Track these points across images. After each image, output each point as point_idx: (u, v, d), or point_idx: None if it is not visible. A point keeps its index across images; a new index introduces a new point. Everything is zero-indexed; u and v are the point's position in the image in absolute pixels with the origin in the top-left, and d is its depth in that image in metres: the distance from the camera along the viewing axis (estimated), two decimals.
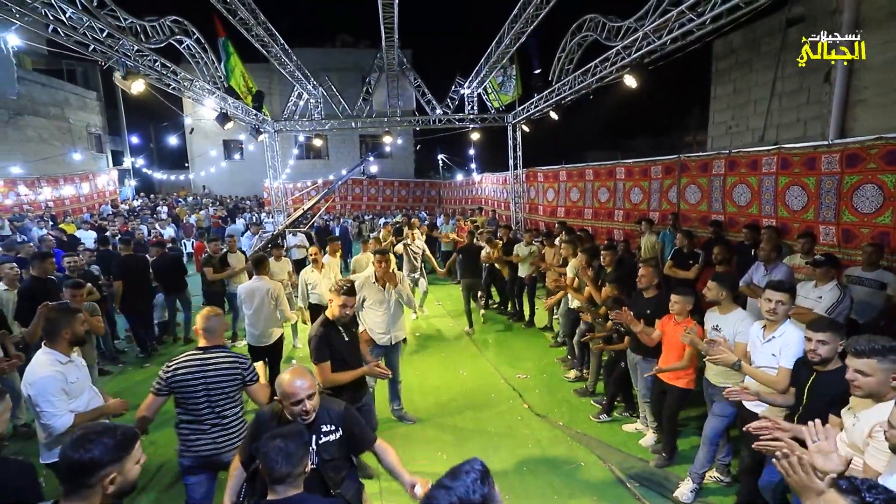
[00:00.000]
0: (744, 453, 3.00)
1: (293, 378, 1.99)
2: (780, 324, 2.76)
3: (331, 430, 2.11)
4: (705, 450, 3.28)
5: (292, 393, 1.97)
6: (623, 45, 6.06)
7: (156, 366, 6.11)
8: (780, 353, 2.68)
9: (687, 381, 3.52)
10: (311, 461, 1.99)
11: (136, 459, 1.48)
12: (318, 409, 2.09)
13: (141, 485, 3.64)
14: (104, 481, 1.37)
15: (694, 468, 3.34)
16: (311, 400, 2.00)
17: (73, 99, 19.43)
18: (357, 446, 2.24)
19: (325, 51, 22.90)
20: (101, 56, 5.28)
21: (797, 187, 5.53)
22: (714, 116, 8.83)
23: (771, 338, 2.77)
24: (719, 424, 3.23)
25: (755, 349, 2.87)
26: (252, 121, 10.53)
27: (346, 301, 3.06)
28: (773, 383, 2.66)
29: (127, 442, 1.44)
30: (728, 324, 3.19)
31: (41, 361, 2.54)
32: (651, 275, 3.97)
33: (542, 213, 11.52)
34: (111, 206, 18.00)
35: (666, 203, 7.64)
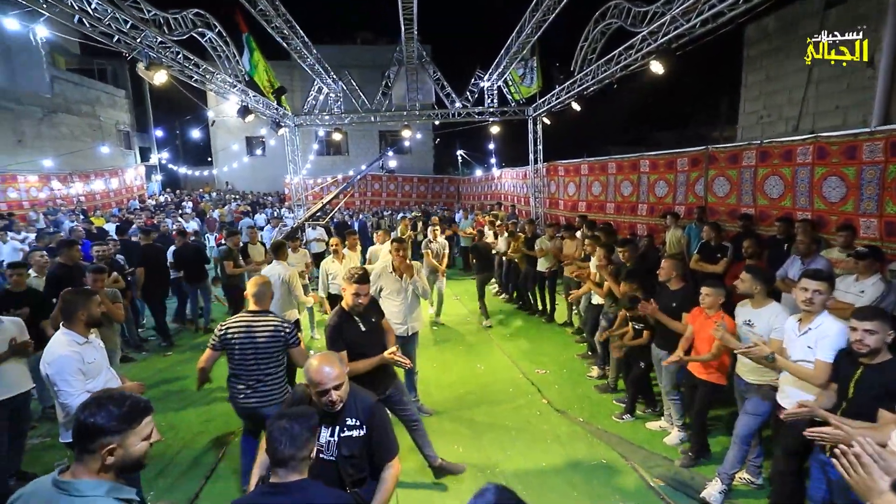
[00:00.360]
0: (777, 453, 2.80)
1: (321, 365, 1.89)
2: (816, 315, 2.57)
3: (355, 424, 1.97)
4: (736, 449, 3.10)
5: (318, 381, 1.88)
6: (649, 30, 5.85)
7: (177, 354, 6.23)
8: (817, 345, 2.49)
9: (719, 376, 3.35)
10: (330, 453, 1.93)
11: (144, 436, 1.41)
12: (347, 399, 1.98)
13: (159, 469, 3.68)
14: (102, 450, 1.31)
15: (723, 468, 3.17)
16: (338, 390, 1.89)
17: (104, 97, 20.04)
18: (373, 454, 2.04)
19: (345, 48, 23.02)
20: (126, 47, 5.37)
21: (835, 178, 5.23)
22: (745, 106, 8.46)
23: (807, 329, 2.58)
24: (752, 423, 3.05)
25: (791, 342, 2.69)
26: (273, 115, 10.63)
27: (359, 289, 2.91)
28: (810, 378, 2.48)
29: (133, 414, 1.38)
30: (762, 318, 3.00)
31: (59, 341, 2.60)
32: (671, 267, 3.84)
33: (563, 208, 11.30)
34: (139, 201, 18.51)
35: (692, 196, 7.37)
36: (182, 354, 6.22)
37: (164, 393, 5.03)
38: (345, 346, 2.91)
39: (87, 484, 1.29)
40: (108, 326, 4.05)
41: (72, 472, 1.32)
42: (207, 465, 3.74)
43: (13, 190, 13.68)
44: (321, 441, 1.94)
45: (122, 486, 1.35)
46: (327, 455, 1.94)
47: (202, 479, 3.57)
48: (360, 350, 2.97)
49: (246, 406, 2.98)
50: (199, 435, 4.21)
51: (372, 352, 3.00)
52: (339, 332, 2.93)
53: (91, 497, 1.27)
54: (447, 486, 3.41)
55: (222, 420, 4.46)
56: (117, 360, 4.36)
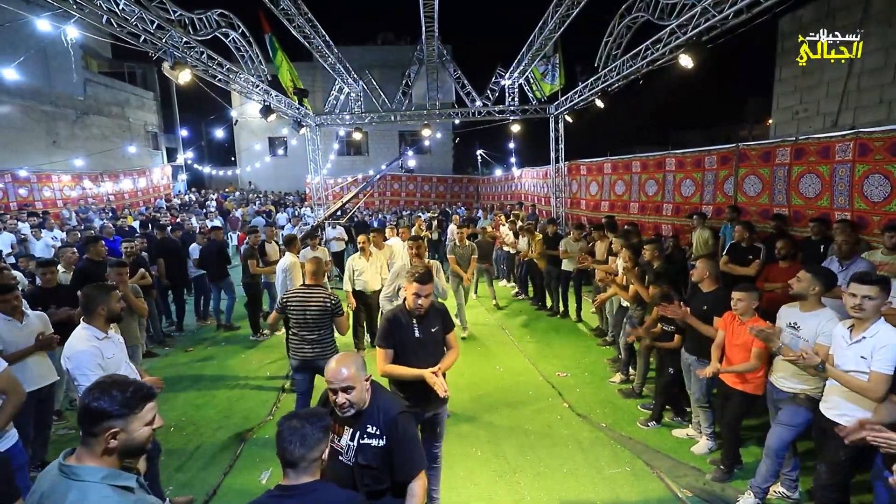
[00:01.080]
0: (821, 467, 2.61)
1: (336, 363, 1.82)
2: (870, 322, 2.37)
3: (375, 433, 1.85)
4: (769, 462, 2.92)
5: (328, 378, 1.82)
6: (678, 23, 5.64)
7: (199, 350, 6.32)
8: (873, 356, 2.29)
9: (754, 386, 3.12)
10: (348, 458, 1.85)
11: (147, 421, 1.42)
12: (370, 405, 1.88)
13: (178, 463, 3.71)
14: (106, 434, 1.33)
15: (755, 482, 3.00)
16: (347, 393, 1.80)
17: (133, 99, 20.64)
18: (396, 468, 1.87)
19: (366, 48, 23.17)
20: (151, 47, 5.46)
21: (878, 176, 4.95)
22: (778, 101, 8.10)
23: (861, 338, 2.38)
24: (786, 434, 2.86)
25: (839, 351, 2.49)
26: (294, 114, 10.73)
27: (419, 289, 2.62)
28: (865, 390, 2.29)
29: (136, 399, 1.39)
30: (810, 323, 2.79)
31: (79, 336, 2.64)
32: (705, 267, 3.64)
33: (585, 208, 11.09)
34: (165, 200, 18.99)
35: (721, 196, 7.11)
36: (203, 351, 6.31)
37: (184, 388, 5.09)
38: (393, 345, 2.69)
39: (86, 469, 1.31)
40: (130, 321, 4.10)
41: (77, 455, 1.35)
42: (226, 461, 3.75)
43: (48, 189, 14.18)
44: (342, 443, 1.88)
45: (120, 473, 1.36)
46: (345, 459, 1.87)
47: (221, 474, 3.58)
48: (407, 356, 2.68)
49: (305, 358, 3.70)
50: (218, 430, 4.23)
51: (420, 363, 2.65)
52: (390, 329, 2.69)
53: (87, 483, 1.29)
54: (463, 491, 3.33)
55: (241, 416, 4.49)
56: (140, 356, 4.41)
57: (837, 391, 2.47)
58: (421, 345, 2.70)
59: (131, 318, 4.11)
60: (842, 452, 2.40)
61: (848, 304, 2.44)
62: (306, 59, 15.00)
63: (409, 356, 2.67)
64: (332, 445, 1.87)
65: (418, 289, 2.63)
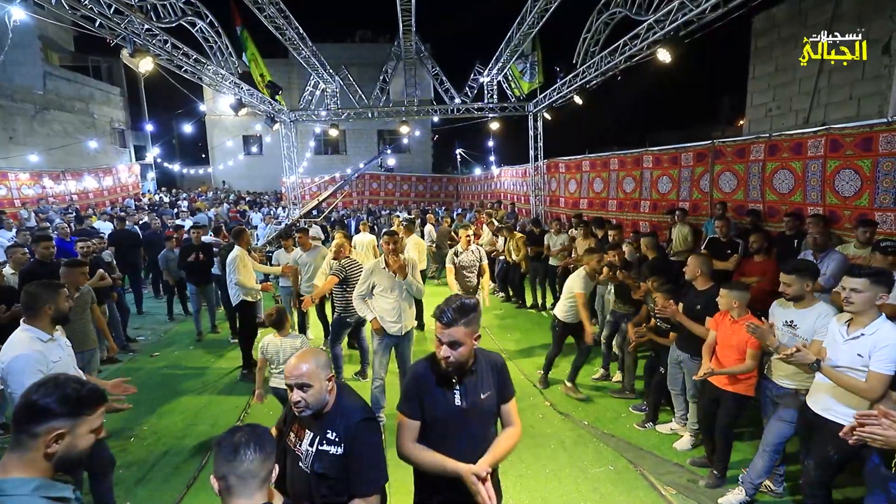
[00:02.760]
0: (809, 465, 2.53)
1: (294, 359, 1.69)
2: (870, 319, 2.25)
3: (334, 440, 1.66)
4: (766, 458, 2.85)
5: (286, 374, 1.69)
6: (656, 18, 5.64)
7: (166, 355, 5.99)
8: (871, 355, 2.18)
9: (746, 387, 3.00)
10: (307, 465, 1.69)
11: (92, 428, 1.27)
12: (332, 408, 1.71)
13: (139, 476, 3.46)
14: (48, 436, 1.17)
15: (748, 477, 2.93)
16: (303, 391, 1.64)
17: (98, 94, 19.78)
18: (351, 482, 1.64)
19: (344, 46, 22.81)
20: (109, 33, 5.14)
21: (849, 171, 5.04)
22: (752, 98, 8.25)
23: (859, 335, 2.26)
24: (786, 430, 2.79)
25: (834, 346, 2.38)
26: (267, 109, 10.40)
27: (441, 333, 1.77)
28: (863, 391, 2.18)
29: (89, 400, 1.26)
30: (807, 320, 2.68)
31: (20, 339, 2.37)
32: (697, 264, 3.49)
33: (564, 206, 11.10)
34: (134, 199, 18.26)
35: (697, 192, 7.18)
36: (171, 355, 5.99)
37: (148, 395, 4.79)
38: (422, 415, 1.84)
39: (13, 482, 1.14)
40: (84, 323, 3.81)
41: (2, 466, 1.17)
42: (190, 472, 3.52)
43: (3, 187, 13.42)
44: (302, 449, 1.72)
45: (54, 483, 1.20)
46: (304, 466, 1.70)
47: (184, 487, 3.35)
48: (444, 434, 1.83)
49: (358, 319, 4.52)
50: (183, 438, 3.99)
51: (462, 444, 1.82)
52: (417, 390, 1.85)
53: (15, 497, 1.12)
54: None
55: (208, 423, 4.24)
56: (97, 361, 4.12)
57: (826, 387, 2.39)
58: (463, 417, 1.82)
59: (82, 319, 3.81)
60: (832, 451, 2.33)
61: (840, 298, 2.37)
62: (282, 56, 14.64)
63: (446, 433, 1.82)
64: (294, 450, 1.73)
65: (440, 332, 1.76)
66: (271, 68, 11.21)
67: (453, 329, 1.74)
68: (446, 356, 1.76)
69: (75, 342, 3.50)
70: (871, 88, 6.21)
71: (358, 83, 12.51)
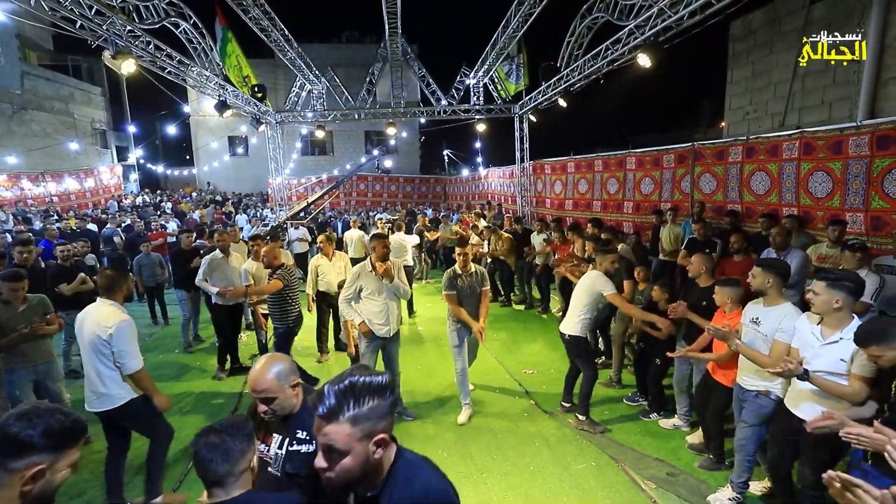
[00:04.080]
0: (804, 470, 2.55)
1: (256, 372, 1.67)
2: (844, 322, 2.30)
3: (305, 438, 1.69)
4: (738, 458, 2.96)
5: (250, 386, 1.69)
6: (636, 23, 5.77)
7: (151, 357, 5.88)
8: (855, 358, 2.22)
9: (734, 378, 3.13)
10: (276, 468, 1.70)
11: (72, 462, 1.21)
12: (301, 409, 1.73)
13: (126, 480, 3.42)
14: (27, 472, 1.10)
15: (732, 477, 3.03)
16: (268, 404, 1.67)
17: (78, 94, 19.42)
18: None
19: (331, 46, 22.74)
20: (90, 34, 5.08)
21: (822, 173, 5.21)
22: (730, 102, 8.47)
23: (837, 339, 2.30)
24: (750, 433, 2.88)
25: (811, 350, 2.41)
26: (253, 111, 10.34)
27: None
28: (846, 395, 2.21)
29: (74, 433, 1.20)
30: (770, 318, 2.75)
31: (109, 310, 2.82)
32: (701, 262, 3.66)
33: (550, 206, 11.23)
34: (117, 201, 17.95)
35: (679, 193, 7.34)
36: (154, 358, 5.93)
37: None
38: None
39: None
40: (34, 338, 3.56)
41: None
42: (176, 476, 3.51)
43: None
44: (271, 453, 1.73)
45: None
46: (274, 469, 1.72)
47: (171, 491, 3.33)
48: None
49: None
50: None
51: None
52: None
53: None
54: None
55: (194, 426, 4.21)
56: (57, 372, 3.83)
57: (810, 394, 2.42)
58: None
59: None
60: (825, 453, 2.38)
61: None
62: (268, 56, 14.54)
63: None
64: (262, 456, 1.72)
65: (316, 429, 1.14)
66: (257, 69, 11.14)
67: (332, 427, 1.08)
68: (321, 468, 1.12)
69: (29, 355, 3.48)
70: (841, 93, 6.42)
71: (344, 84, 12.49)
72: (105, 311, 2.82)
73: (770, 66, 7.51)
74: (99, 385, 2.83)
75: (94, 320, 2.80)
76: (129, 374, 2.81)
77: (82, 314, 2.90)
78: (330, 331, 5.91)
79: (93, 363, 2.82)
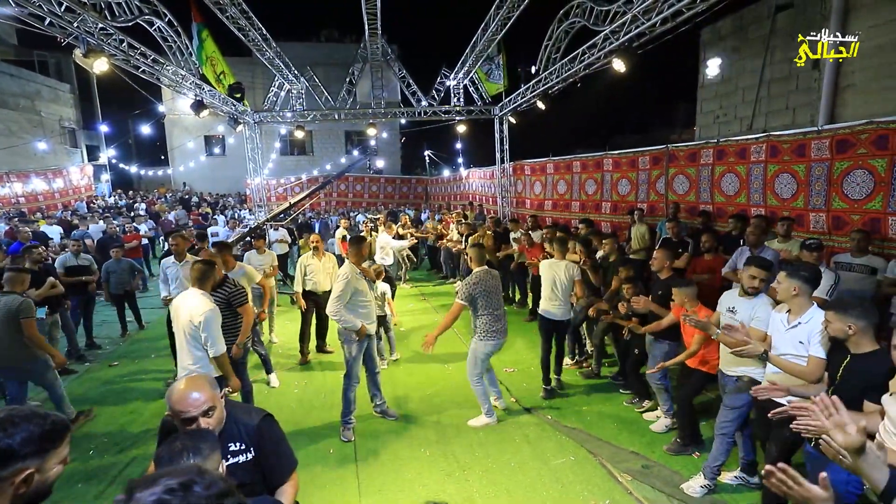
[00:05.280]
0: (771, 448, 2.74)
1: (186, 389, 1.61)
2: (803, 308, 2.54)
3: (240, 449, 1.72)
4: (717, 442, 3.11)
5: (181, 410, 1.58)
6: (611, 29, 5.92)
7: (126, 363, 5.79)
8: (810, 340, 2.46)
9: (711, 367, 3.35)
10: None
11: (62, 457, 1.22)
12: (227, 422, 1.72)
13: (97, 492, 3.38)
14: (17, 478, 1.10)
15: (707, 462, 3.17)
16: (209, 417, 1.61)
17: (45, 91, 18.74)
18: (267, 476, 1.78)
19: (310, 45, 22.49)
20: (60, 32, 4.93)
21: (787, 175, 5.45)
22: (702, 106, 8.76)
23: (797, 323, 2.54)
24: (731, 416, 3.04)
25: (779, 335, 2.65)
26: (230, 110, 10.17)
27: None
28: (803, 374, 2.44)
29: (56, 433, 1.20)
30: (746, 307, 2.97)
31: (201, 299, 3.19)
32: (664, 257, 3.95)
33: (530, 207, 11.38)
34: (86, 203, 17.38)
35: (654, 194, 7.55)
36: (131, 364, 5.80)
37: (108, 405, 4.65)
38: None
39: None
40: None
41: None
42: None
43: None
44: None
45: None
46: None
47: None
48: None
49: None
50: (146, 449, 3.89)
51: None
52: None
53: None
54: (411, 493, 3.27)
55: None
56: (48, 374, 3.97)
57: (778, 378, 2.61)
58: None
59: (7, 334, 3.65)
60: (788, 433, 2.52)
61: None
62: (246, 55, 14.32)
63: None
64: None
65: None
66: (234, 67, 10.95)
67: None
68: None
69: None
70: (803, 99, 6.72)
71: (324, 84, 12.39)
72: (197, 301, 3.19)
73: (738, 71, 7.80)
74: (191, 364, 3.20)
75: (187, 310, 3.17)
76: (215, 357, 3.19)
77: (178, 302, 3.28)
78: (314, 331, 5.88)
79: (186, 345, 3.20)
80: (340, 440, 3.93)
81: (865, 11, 5.68)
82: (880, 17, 5.46)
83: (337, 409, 4.09)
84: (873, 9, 5.63)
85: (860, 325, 2.11)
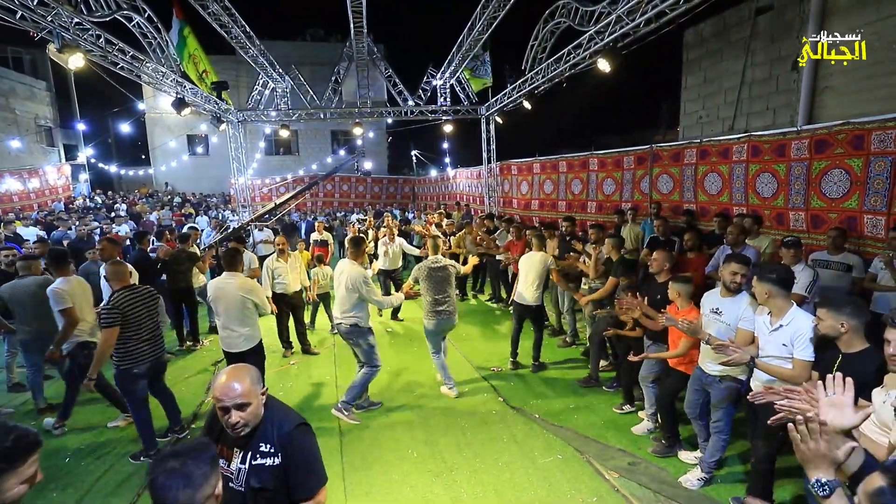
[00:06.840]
0: (758, 443, 2.77)
1: (226, 378, 1.61)
2: (783, 310, 2.52)
3: (269, 451, 1.66)
4: (714, 439, 3.13)
5: (218, 396, 1.60)
6: (596, 29, 5.96)
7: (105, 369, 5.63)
8: (794, 343, 2.43)
9: (687, 366, 3.35)
10: (239, 483, 1.65)
11: (25, 477, 1.14)
12: (263, 421, 1.68)
13: (75, 499, 3.27)
14: None
15: (704, 458, 3.19)
16: (241, 411, 1.60)
17: (20, 88, 18.21)
18: (292, 487, 1.69)
19: (295, 44, 22.24)
20: (33, 26, 4.78)
21: (767, 174, 5.55)
22: (685, 107, 8.89)
23: (779, 326, 2.52)
24: (722, 415, 3.06)
25: (763, 337, 2.63)
26: (213, 109, 9.99)
27: None
28: (791, 378, 2.39)
29: (19, 451, 1.13)
30: (731, 307, 2.93)
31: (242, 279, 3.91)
32: (663, 259, 3.79)
33: (517, 207, 11.42)
34: (64, 204, 16.90)
35: (638, 193, 7.63)
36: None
37: (85, 408, 4.52)
38: None
39: None
40: None
41: None
42: (133, 490, 3.36)
43: None
44: (231, 468, 1.68)
45: None
46: (236, 485, 1.67)
47: None
48: None
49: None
50: (125, 455, 3.79)
51: None
52: None
53: None
54: (399, 494, 3.24)
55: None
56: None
57: (766, 377, 2.61)
58: None
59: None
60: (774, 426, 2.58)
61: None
62: (229, 52, 14.10)
63: None
64: (222, 472, 1.65)
65: None
66: (218, 65, 10.77)
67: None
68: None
69: None
70: (783, 100, 6.86)
71: (309, 83, 12.26)
72: (239, 280, 3.90)
73: (720, 73, 7.93)
74: (244, 329, 3.84)
75: (234, 288, 3.84)
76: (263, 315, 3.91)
77: (216, 285, 3.91)
78: (292, 331, 5.87)
79: (238, 315, 3.83)
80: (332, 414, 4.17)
81: (843, 14, 5.81)
82: (857, 20, 5.59)
83: (323, 410, 4.07)
84: (850, 11, 5.76)
85: (852, 323, 2.11)
